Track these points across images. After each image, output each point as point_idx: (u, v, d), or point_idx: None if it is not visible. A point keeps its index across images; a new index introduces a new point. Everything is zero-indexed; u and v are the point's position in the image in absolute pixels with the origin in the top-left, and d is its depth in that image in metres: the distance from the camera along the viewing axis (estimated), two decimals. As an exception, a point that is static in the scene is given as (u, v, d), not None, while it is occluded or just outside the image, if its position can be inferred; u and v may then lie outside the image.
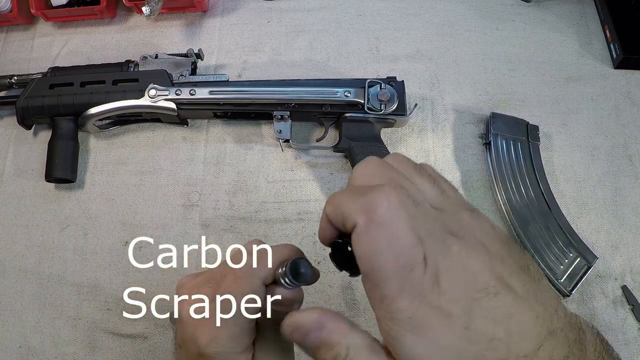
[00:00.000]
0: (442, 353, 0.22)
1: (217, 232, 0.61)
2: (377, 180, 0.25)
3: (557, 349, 0.23)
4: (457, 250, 0.23)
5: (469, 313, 0.22)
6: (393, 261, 0.22)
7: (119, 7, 0.74)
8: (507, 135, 0.62)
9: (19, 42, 0.74)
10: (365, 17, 0.72)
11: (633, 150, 0.63)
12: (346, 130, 0.61)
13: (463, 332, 0.22)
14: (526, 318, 0.23)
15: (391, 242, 0.23)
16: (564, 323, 0.24)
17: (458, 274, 0.23)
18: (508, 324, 0.22)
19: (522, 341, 0.23)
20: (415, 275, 0.22)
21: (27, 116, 0.63)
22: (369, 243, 0.23)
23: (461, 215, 0.25)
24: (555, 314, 0.24)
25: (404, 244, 0.23)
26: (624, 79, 0.67)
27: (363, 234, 0.23)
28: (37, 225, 0.63)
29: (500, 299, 0.23)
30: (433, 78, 0.67)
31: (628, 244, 0.59)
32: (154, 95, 0.61)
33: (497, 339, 0.22)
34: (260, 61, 0.70)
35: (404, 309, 0.22)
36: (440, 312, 0.22)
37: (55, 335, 0.57)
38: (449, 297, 0.22)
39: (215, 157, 0.65)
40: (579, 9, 0.71)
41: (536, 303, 0.23)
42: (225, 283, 0.31)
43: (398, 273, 0.22)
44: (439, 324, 0.22)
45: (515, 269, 0.24)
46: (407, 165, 0.27)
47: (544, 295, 0.24)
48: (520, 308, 0.23)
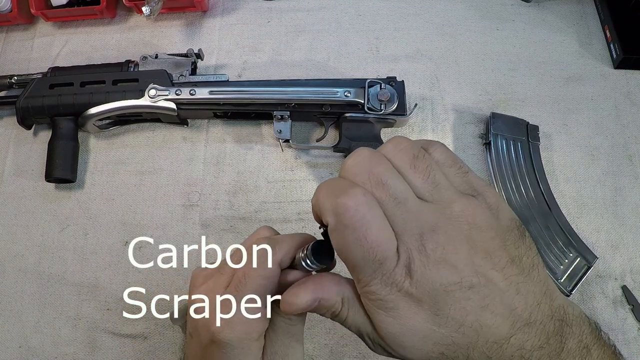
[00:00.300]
0: (412, 333, 0.25)
1: (217, 232, 0.61)
2: (360, 177, 0.26)
3: (530, 339, 0.25)
4: (433, 247, 0.25)
5: (439, 302, 0.24)
6: (362, 256, 0.25)
7: (119, 7, 0.74)
8: (507, 135, 0.62)
9: (19, 42, 0.74)
10: (365, 17, 0.72)
11: (633, 150, 0.63)
12: (346, 130, 0.61)
13: (432, 317, 0.25)
14: (500, 310, 0.25)
15: (358, 242, 0.24)
16: (546, 316, 0.25)
17: (431, 268, 0.24)
18: (480, 314, 0.24)
19: (493, 330, 0.25)
20: (386, 267, 0.25)
21: (27, 116, 0.63)
22: (339, 240, 0.25)
23: (451, 208, 0.25)
24: (537, 307, 0.25)
25: (371, 243, 0.24)
26: (624, 79, 0.67)
27: (333, 232, 0.25)
28: (37, 225, 0.63)
29: (473, 292, 0.24)
30: (433, 78, 0.67)
31: (628, 244, 0.59)
32: (154, 95, 0.61)
33: (467, 326, 0.25)
34: (260, 61, 0.70)
35: (376, 292, 0.25)
36: (410, 298, 0.25)
37: (55, 335, 0.57)
38: (421, 287, 0.24)
39: (215, 157, 0.65)
40: (579, 9, 0.71)
41: (517, 295, 0.25)
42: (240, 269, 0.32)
43: (368, 265, 0.25)
44: (408, 308, 0.25)
45: (502, 262, 0.25)
46: (404, 155, 0.27)
47: (529, 288, 0.25)
48: (495, 300, 0.25)
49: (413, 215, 0.25)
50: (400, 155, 0.27)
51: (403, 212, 0.25)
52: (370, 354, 0.54)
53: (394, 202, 0.25)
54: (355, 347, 0.55)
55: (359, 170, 0.26)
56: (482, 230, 0.25)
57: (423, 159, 0.27)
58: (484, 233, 0.25)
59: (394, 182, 0.26)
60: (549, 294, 0.26)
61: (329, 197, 0.26)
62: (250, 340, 0.31)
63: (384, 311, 0.26)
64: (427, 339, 0.25)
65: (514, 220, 0.27)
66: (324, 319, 0.55)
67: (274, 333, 0.32)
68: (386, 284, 0.25)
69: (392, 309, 0.25)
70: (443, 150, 0.28)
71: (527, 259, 0.26)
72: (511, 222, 0.26)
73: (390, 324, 0.25)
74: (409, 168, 0.27)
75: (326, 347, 0.55)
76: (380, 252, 0.24)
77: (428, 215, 0.25)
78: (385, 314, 0.25)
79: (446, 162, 0.28)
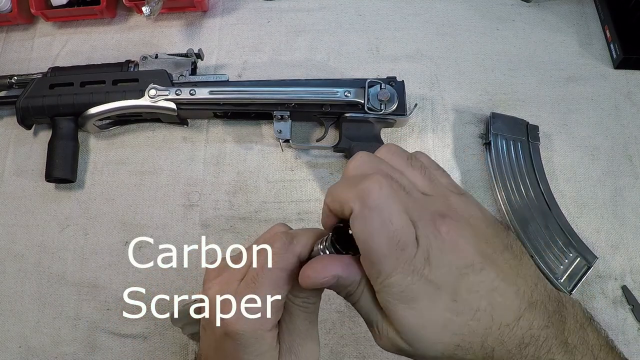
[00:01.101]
0: (431, 323, 0.26)
1: (217, 232, 0.61)
2: (369, 171, 0.27)
3: (537, 319, 0.26)
4: (446, 230, 0.26)
5: (456, 287, 0.25)
6: (387, 241, 0.25)
7: (119, 7, 0.74)
8: (507, 135, 0.62)
9: (19, 42, 0.74)
10: (365, 17, 0.72)
11: (633, 150, 0.63)
12: (346, 130, 0.61)
13: (450, 304, 0.25)
14: (508, 291, 0.26)
15: (384, 224, 0.25)
16: (544, 296, 0.27)
17: (447, 252, 0.25)
18: (491, 297, 0.25)
19: (504, 312, 0.25)
20: (408, 253, 0.25)
21: (27, 116, 0.63)
22: (365, 225, 0.25)
23: (450, 200, 0.28)
24: (535, 288, 0.27)
25: (396, 225, 0.25)
26: (624, 79, 0.67)
27: (359, 218, 0.26)
28: (37, 225, 0.63)
29: (485, 274, 0.25)
30: (433, 78, 0.67)
31: (628, 244, 0.59)
32: (154, 95, 0.61)
33: (482, 310, 0.25)
34: (260, 61, 0.70)
35: (397, 284, 0.25)
36: (430, 285, 0.25)
37: (55, 335, 0.57)
38: (439, 273, 0.25)
39: (215, 157, 0.65)
40: (579, 9, 0.71)
41: (518, 277, 0.26)
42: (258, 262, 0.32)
43: (392, 252, 0.25)
44: (428, 298, 0.25)
45: (500, 248, 0.27)
46: (399, 157, 0.29)
47: (525, 272, 0.27)
48: (503, 282, 0.26)
49: (422, 203, 0.27)
50: (396, 157, 0.29)
51: (414, 201, 0.26)
52: (370, 354, 0.54)
53: (404, 192, 0.27)
54: (355, 347, 0.55)
55: (365, 167, 0.28)
56: (477, 220, 0.27)
57: (416, 159, 0.30)
58: (479, 222, 0.27)
59: (398, 175, 0.28)
60: (541, 278, 0.28)
61: (349, 187, 0.26)
62: (264, 330, 0.31)
63: (404, 304, 0.26)
64: (446, 329, 0.26)
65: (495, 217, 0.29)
66: (324, 320, 0.55)
67: (290, 321, 0.32)
68: (407, 272, 0.25)
69: (412, 300, 0.26)
70: (427, 157, 0.31)
71: (516, 247, 0.28)
72: (494, 217, 0.29)
73: (411, 316, 0.26)
74: (406, 167, 0.29)
75: (326, 347, 0.55)
76: (403, 237, 0.25)
77: (434, 204, 0.27)
78: (406, 307, 0.26)
79: (432, 166, 0.30)
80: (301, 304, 0.32)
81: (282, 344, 0.32)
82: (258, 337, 0.31)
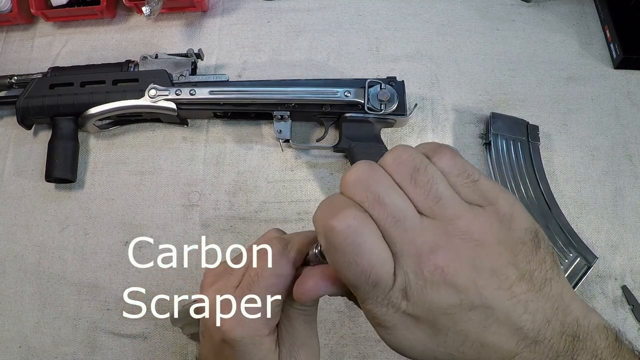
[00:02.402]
0: (411, 348, 0.25)
1: (217, 232, 0.61)
2: (358, 196, 0.25)
3: (537, 358, 0.24)
4: (432, 269, 0.23)
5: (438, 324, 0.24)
6: (354, 277, 0.24)
7: (119, 7, 0.74)
8: (507, 135, 0.62)
9: (19, 42, 0.74)
10: (365, 17, 0.72)
11: (633, 150, 0.63)
12: (346, 130, 0.61)
13: (431, 337, 0.25)
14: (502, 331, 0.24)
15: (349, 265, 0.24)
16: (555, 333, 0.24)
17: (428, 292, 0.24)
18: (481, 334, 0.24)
19: (495, 349, 0.24)
20: (381, 289, 0.24)
21: (27, 116, 0.63)
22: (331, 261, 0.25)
23: (455, 224, 0.24)
24: (545, 325, 0.24)
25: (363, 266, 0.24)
26: (624, 79, 0.67)
27: (326, 252, 0.26)
28: (37, 225, 0.63)
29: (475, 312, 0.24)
30: (433, 78, 0.67)
31: (628, 244, 0.59)
32: (154, 95, 0.61)
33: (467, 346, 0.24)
34: (260, 61, 0.70)
35: (372, 312, 0.25)
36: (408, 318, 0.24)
37: (55, 335, 0.57)
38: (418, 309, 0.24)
39: (215, 157, 0.65)
40: (579, 9, 0.71)
41: (524, 314, 0.24)
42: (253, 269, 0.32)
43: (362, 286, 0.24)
44: (406, 328, 0.25)
45: (510, 280, 0.24)
46: (404, 169, 0.25)
47: (538, 306, 0.24)
48: (498, 320, 0.24)
49: (412, 235, 0.24)
50: (401, 168, 0.25)
51: (401, 232, 0.24)
52: (370, 354, 0.54)
53: (392, 221, 0.24)
54: (355, 347, 0.55)
55: (357, 188, 0.25)
56: (489, 246, 0.24)
57: (425, 171, 0.25)
58: (491, 249, 0.24)
59: (393, 199, 0.24)
60: (562, 309, 0.25)
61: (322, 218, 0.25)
62: (261, 336, 0.31)
63: (382, 328, 0.26)
64: (427, 354, 0.25)
65: (529, 231, 0.25)
66: (324, 320, 0.56)
67: (289, 324, 0.32)
68: (382, 304, 0.24)
69: (390, 328, 0.25)
70: (450, 157, 0.26)
71: (540, 274, 0.24)
72: (525, 233, 0.25)
73: (390, 340, 0.26)
74: (409, 183, 0.25)
75: (326, 347, 0.55)
76: (373, 275, 0.24)
77: (428, 235, 0.24)
78: (384, 331, 0.25)
79: (452, 171, 0.26)
80: (299, 307, 0.32)
81: (281, 347, 0.32)
82: (256, 342, 0.31)
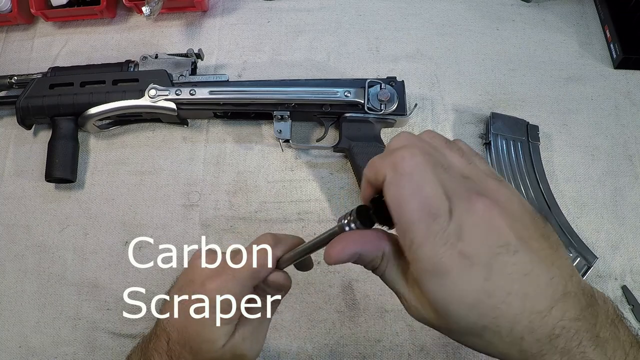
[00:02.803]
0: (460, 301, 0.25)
1: (217, 232, 0.61)
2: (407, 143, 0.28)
3: (569, 310, 0.25)
4: (482, 208, 0.25)
5: (489, 266, 0.24)
6: (417, 207, 0.25)
7: (119, 7, 0.74)
8: (507, 135, 0.62)
9: (19, 42, 0.74)
10: (365, 17, 0.72)
11: (633, 150, 0.63)
12: (346, 130, 0.61)
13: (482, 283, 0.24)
14: (542, 278, 0.25)
15: (415, 190, 0.25)
16: (578, 289, 0.26)
17: (481, 229, 0.25)
18: (524, 281, 0.25)
19: (537, 299, 0.25)
20: (440, 223, 0.25)
21: (27, 116, 0.63)
22: (396, 191, 0.26)
23: (488, 183, 0.27)
24: (570, 279, 0.26)
25: (428, 194, 0.25)
26: (624, 79, 0.67)
27: (391, 184, 0.26)
28: (37, 225, 0.63)
29: (519, 256, 0.25)
30: (433, 78, 0.67)
31: (628, 244, 0.59)
32: (154, 95, 0.61)
33: (514, 294, 0.24)
34: (260, 61, 0.70)
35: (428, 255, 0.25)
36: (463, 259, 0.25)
37: (55, 335, 0.57)
38: (473, 247, 0.25)
39: (215, 157, 0.65)
40: (579, 9, 0.71)
41: (553, 266, 0.25)
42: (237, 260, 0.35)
43: (423, 220, 0.25)
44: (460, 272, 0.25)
45: (536, 235, 0.26)
46: (439, 139, 0.30)
47: (561, 262, 0.26)
48: (537, 268, 0.25)
49: (459, 180, 0.27)
50: (435, 139, 0.30)
51: (450, 177, 0.26)
52: (370, 354, 0.54)
53: (441, 167, 0.27)
54: (355, 347, 0.55)
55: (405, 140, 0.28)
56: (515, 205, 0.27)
57: (454, 142, 0.30)
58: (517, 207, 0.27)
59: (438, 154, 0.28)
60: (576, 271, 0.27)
61: (385, 157, 0.27)
62: None
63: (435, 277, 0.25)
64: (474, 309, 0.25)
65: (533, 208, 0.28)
66: (324, 320, 0.56)
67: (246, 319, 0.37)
68: (439, 243, 0.25)
69: (443, 274, 0.25)
70: (465, 144, 0.31)
71: (553, 238, 0.27)
72: (532, 207, 0.28)
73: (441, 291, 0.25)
74: (445, 148, 0.29)
75: (326, 347, 0.55)
76: (435, 206, 0.25)
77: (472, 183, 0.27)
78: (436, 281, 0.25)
79: (470, 152, 0.30)
80: None
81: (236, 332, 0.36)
82: None
